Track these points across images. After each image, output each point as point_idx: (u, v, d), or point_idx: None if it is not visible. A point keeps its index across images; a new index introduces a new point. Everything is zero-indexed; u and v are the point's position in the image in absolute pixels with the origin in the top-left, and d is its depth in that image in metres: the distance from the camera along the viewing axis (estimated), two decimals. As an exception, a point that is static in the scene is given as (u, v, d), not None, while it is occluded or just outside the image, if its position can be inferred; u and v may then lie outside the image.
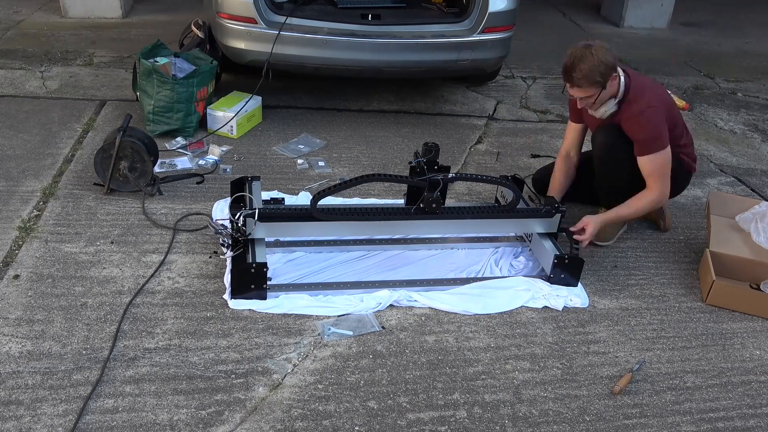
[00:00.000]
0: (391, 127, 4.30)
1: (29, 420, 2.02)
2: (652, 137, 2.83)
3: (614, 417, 2.24)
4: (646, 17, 7.25)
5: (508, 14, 4.08)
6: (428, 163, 2.79)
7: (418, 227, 2.90)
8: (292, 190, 3.39)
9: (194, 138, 3.86)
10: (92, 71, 4.79)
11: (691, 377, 2.45)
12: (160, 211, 3.14)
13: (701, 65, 6.20)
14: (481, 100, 4.86)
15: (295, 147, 3.88)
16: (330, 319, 2.54)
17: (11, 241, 2.83)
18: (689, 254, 3.21)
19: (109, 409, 2.09)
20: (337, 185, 2.68)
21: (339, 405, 2.18)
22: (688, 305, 2.85)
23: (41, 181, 3.31)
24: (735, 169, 4.15)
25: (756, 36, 7.43)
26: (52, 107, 4.16)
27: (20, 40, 5.35)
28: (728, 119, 4.96)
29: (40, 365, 2.22)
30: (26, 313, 2.44)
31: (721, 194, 3.45)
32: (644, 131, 2.84)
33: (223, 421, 2.08)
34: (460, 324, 2.60)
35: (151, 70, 3.71)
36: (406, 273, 2.86)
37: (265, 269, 2.53)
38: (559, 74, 5.56)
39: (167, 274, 2.72)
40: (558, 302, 2.73)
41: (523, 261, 3.01)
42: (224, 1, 3.84)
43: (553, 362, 2.45)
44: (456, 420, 2.17)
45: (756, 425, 2.26)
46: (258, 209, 2.62)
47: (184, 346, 2.36)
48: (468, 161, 3.93)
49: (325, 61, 3.94)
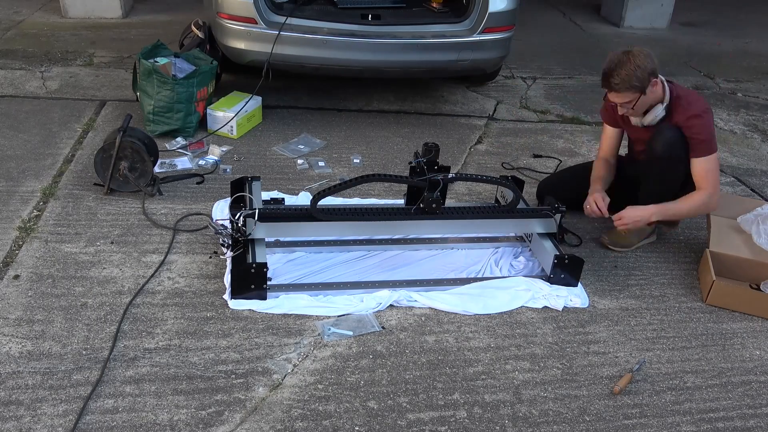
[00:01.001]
0: (391, 127, 4.30)
1: (29, 420, 2.02)
2: (710, 138, 2.86)
3: (614, 417, 2.24)
4: (646, 17, 7.25)
5: (508, 14, 4.08)
6: (428, 163, 2.79)
7: (418, 227, 2.90)
8: (292, 190, 3.40)
9: (194, 138, 3.86)
10: (92, 71, 4.79)
11: (691, 377, 2.45)
12: (160, 211, 3.14)
13: (701, 65, 6.20)
14: (481, 100, 4.86)
15: (295, 147, 3.88)
16: (330, 319, 2.54)
17: (11, 241, 2.83)
18: (689, 254, 3.21)
19: (109, 409, 2.09)
20: (337, 185, 2.68)
21: (339, 405, 2.18)
22: (688, 305, 2.85)
23: (41, 181, 3.31)
24: (735, 169, 4.15)
25: (756, 36, 7.43)
26: (52, 107, 4.16)
27: (20, 40, 5.36)
28: (728, 119, 4.96)
29: (40, 365, 2.22)
30: (26, 313, 2.44)
31: (722, 194, 3.45)
32: (707, 131, 2.86)
33: (223, 422, 2.08)
34: (460, 324, 2.60)
35: (151, 71, 3.71)
36: (406, 273, 2.86)
37: (265, 269, 2.53)
38: (559, 75, 5.63)
39: (167, 274, 2.72)
40: (558, 302, 2.73)
41: (523, 261, 3.01)
42: (224, 1, 3.84)
43: (553, 362, 2.45)
44: (456, 420, 2.17)
45: (756, 425, 2.26)
46: (258, 209, 2.62)
47: (184, 346, 2.36)
48: (468, 161, 3.93)
49: (325, 61, 3.94)
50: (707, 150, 2.87)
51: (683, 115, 2.87)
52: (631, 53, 2.74)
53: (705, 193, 2.90)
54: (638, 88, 2.76)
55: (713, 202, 2.94)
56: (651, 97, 2.84)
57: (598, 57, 6.17)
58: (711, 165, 2.89)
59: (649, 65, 2.74)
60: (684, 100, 2.89)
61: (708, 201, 2.92)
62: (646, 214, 2.91)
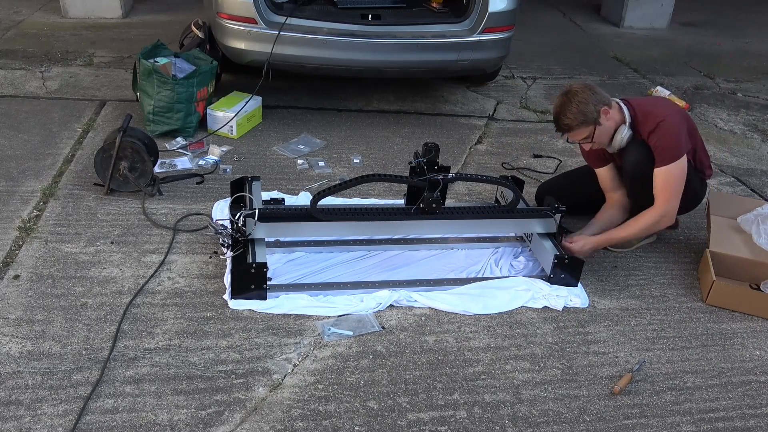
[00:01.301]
0: (391, 127, 4.30)
1: (29, 420, 2.02)
2: (670, 145, 2.79)
3: (614, 417, 2.24)
4: (646, 17, 7.25)
5: (508, 14, 4.08)
6: (428, 163, 2.79)
7: (418, 227, 2.90)
8: (292, 190, 3.40)
9: (194, 138, 3.86)
10: (92, 71, 4.79)
11: (691, 377, 2.45)
12: (160, 211, 3.14)
13: (701, 65, 6.20)
14: (481, 100, 4.86)
15: (295, 147, 3.88)
16: (330, 319, 2.54)
17: (11, 241, 2.83)
18: (689, 254, 3.21)
19: (109, 409, 2.09)
20: (337, 185, 2.68)
21: (339, 405, 2.18)
22: (688, 305, 2.85)
23: (41, 181, 3.31)
24: (735, 170, 4.15)
25: (756, 36, 7.43)
26: (52, 107, 4.16)
27: (20, 40, 5.36)
28: (728, 119, 4.96)
29: (40, 365, 2.22)
30: (26, 313, 2.44)
31: (722, 194, 3.45)
32: (669, 137, 2.79)
33: (223, 422, 2.08)
34: (460, 324, 2.60)
35: (151, 71, 3.71)
36: (406, 273, 2.86)
37: (265, 269, 2.53)
38: (559, 75, 5.63)
39: (167, 274, 2.72)
40: (558, 302, 2.73)
41: (523, 261, 3.01)
42: (224, 1, 3.85)
43: (553, 362, 2.45)
44: (456, 420, 2.17)
45: (756, 425, 2.26)
46: (258, 209, 2.62)
47: (184, 346, 2.36)
48: (468, 161, 3.93)
49: (325, 61, 3.94)
50: (670, 157, 2.78)
51: (646, 129, 2.84)
52: (570, 92, 2.79)
53: (656, 213, 2.83)
54: (589, 121, 2.78)
55: (666, 219, 2.85)
56: (608, 124, 2.83)
57: (598, 57, 6.18)
58: (671, 175, 2.79)
59: (591, 98, 2.77)
60: (642, 114, 2.85)
61: (659, 220, 2.84)
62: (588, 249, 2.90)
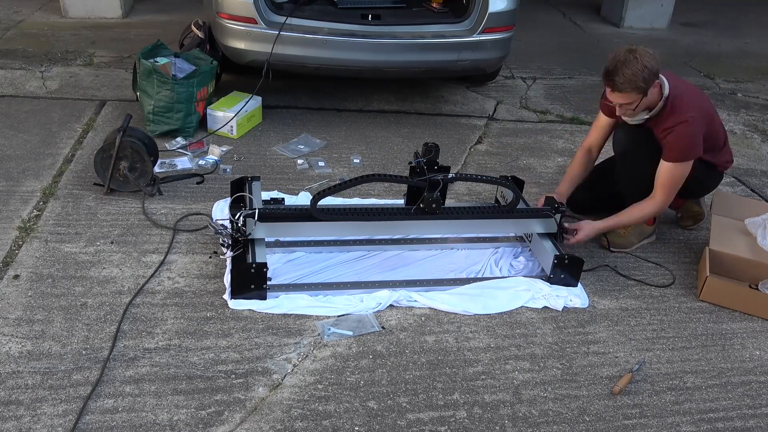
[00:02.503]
0: (391, 127, 4.30)
1: (29, 420, 2.02)
2: (682, 147, 2.78)
3: (614, 417, 2.24)
4: (646, 17, 7.25)
5: (508, 14, 4.08)
6: (428, 163, 2.79)
7: (418, 227, 2.90)
8: (292, 190, 3.40)
9: (194, 138, 3.86)
10: (92, 71, 4.79)
11: (691, 377, 2.45)
12: (160, 211, 3.14)
13: (701, 65, 6.20)
14: (481, 100, 4.86)
15: (295, 147, 3.88)
16: (330, 319, 2.54)
17: (11, 241, 2.83)
18: (689, 254, 3.21)
19: (109, 409, 2.09)
20: (337, 185, 2.68)
21: (339, 405, 2.18)
22: (688, 305, 2.85)
23: (41, 181, 3.31)
24: (735, 170, 4.14)
25: (756, 36, 7.43)
26: (52, 107, 4.16)
27: (20, 40, 5.35)
28: (728, 119, 4.96)
29: (40, 365, 2.22)
30: (26, 313, 2.44)
31: (725, 195, 3.45)
32: (679, 140, 2.77)
33: (223, 421, 2.08)
34: (460, 324, 2.60)
35: (151, 70, 3.71)
36: (406, 273, 2.86)
37: (265, 269, 2.53)
38: (559, 75, 5.63)
39: (167, 274, 2.72)
40: (558, 302, 2.73)
41: (523, 261, 3.01)
42: (224, 1, 3.84)
43: (553, 362, 2.45)
44: (456, 420, 2.17)
45: (756, 425, 2.26)
46: (258, 209, 2.62)
47: (184, 346, 2.36)
48: (468, 161, 3.93)
49: (325, 61, 3.94)
50: (680, 157, 2.79)
51: (665, 123, 2.80)
52: (637, 52, 2.65)
53: (656, 203, 2.89)
54: (642, 89, 2.68)
55: (662, 210, 3.00)
56: (650, 98, 2.77)
57: (598, 57, 6.17)
58: (674, 173, 2.82)
59: (654, 66, 2.66)
60: (671, 105, 2.80)
61: (658, 210, 2.96)
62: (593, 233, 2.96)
